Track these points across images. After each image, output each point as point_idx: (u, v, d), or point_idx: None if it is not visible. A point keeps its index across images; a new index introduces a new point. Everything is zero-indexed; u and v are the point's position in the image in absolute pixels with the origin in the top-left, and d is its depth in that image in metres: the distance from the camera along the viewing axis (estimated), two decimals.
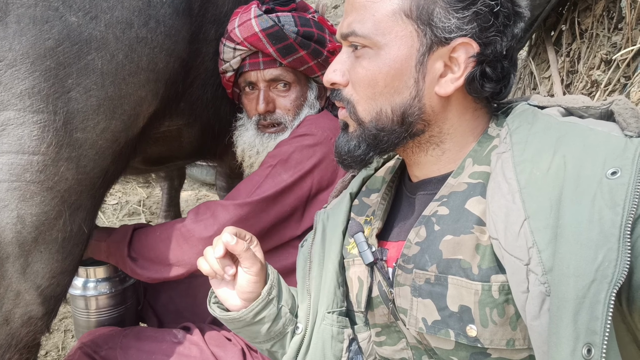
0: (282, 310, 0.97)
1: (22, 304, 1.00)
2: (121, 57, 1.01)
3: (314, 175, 1.29)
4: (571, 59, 2.14)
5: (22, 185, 0.93)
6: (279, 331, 0.97)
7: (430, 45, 0.76)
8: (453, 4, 0.74)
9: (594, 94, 1.96)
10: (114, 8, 0.99)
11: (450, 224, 0.76)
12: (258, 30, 1.28)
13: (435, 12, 0.74)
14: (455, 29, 0.74)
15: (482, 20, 0.75)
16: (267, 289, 0.95)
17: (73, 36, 0.93)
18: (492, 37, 0.76)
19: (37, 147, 0.92)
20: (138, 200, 3.41)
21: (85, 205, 1.04)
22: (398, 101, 0.78)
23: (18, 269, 0.96)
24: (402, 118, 0.79)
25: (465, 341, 0.73)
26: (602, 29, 1.99)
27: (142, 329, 1.36)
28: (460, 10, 0.74)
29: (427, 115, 0.80)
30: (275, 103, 1.38)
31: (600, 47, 1.97)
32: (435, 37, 0.75)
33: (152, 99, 1.13)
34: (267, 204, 1.27)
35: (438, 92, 0.78)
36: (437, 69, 0.77)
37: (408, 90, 0.78)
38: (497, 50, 0.76)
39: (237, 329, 0.98)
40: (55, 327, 2.25)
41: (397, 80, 0.77)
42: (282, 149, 1.30)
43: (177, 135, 1.50)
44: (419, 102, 0.78)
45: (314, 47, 1.33)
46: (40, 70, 0.90)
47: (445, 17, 0.74)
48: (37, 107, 0.91)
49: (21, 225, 0.94)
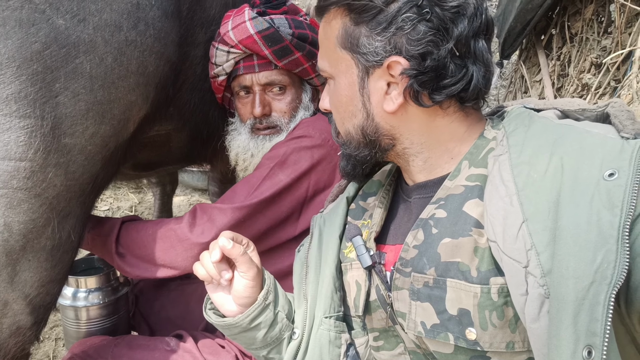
0: (279, 316, 0.96)
1: (10, 314, 0.98)
2: (110, 61, 0.99)
3: (311, 176, 1.28)
4: (562, 63, 2.16)
5: (9, 192, 0.90)
6: (276, 337, 0.96)
7: (366, 69, 0.81)
8: (374, 29, 0.78)
9: (584, 97, 1.97)
10: (102, 11, 0.97)
11: (448, 226, 0.77)
12: (253, 33, 1.27)
13: (361, 40, 0.79)
14: (381, 51, 0.78)
15: (410, 34, 0.76)
16: (264, 294, 0.94)
17: (60, 39, 0.91)
18: (424, 47, 0.75)
19: (24, 153, 0.90)
20: (130, 206, 3.40)
21: (75, 212, 1.02)
22: (356, 123, 0.85)
23: (5, 278, 0.94)
24: (364, 137, 0.85)
25: (464, 344, 0.73)
26: (592, 32, 2.01)
27: (134, 338, 1.34)
28: (381, 32, 0.77)
29: (386, 131, 0.84)
30: (271, 106, 1.37)
31: (590, 51, 1.99)
32: (367, 62, 0.80)
33: (142, 103, 1.11)
34: (264, 205, 1.25)
35: (386, 109, 0.81)
36: (380, 87, 0.81)
37: (360, 113, 0.84)
38: (438, 58, 0.76)
39: (233, 335, 0.97)
40: (46, 335, 2.22)
41: (350, 105, 0.84)
42: (280, 150, 1.29)
43: (166, 140, 1.48)
44: (372, 122, 0.83)
45: (309, 49, 1.33)
46: (27, 74, 0.88)
47: (369, 43, 0.78)
48: (23, 112, 0.89)
49: (8, 233, 0.92)
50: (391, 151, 0.86)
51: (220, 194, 2.60)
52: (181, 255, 1.22)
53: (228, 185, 2.46)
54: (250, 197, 1.24)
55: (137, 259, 1.24)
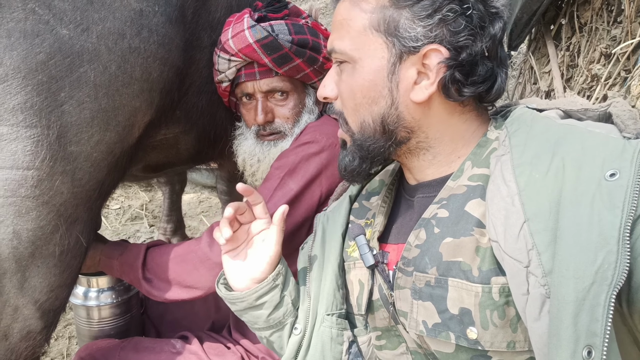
0: (285, 299, 0.98)
1: (20, 319, 1.00)
2: (114, 68, 1.00)
3: (322, 180, 1.28)
4: (571, 53, 2.13)
5: (18, 201, 0.92)
6: (279, 320, 0.98)
7: (400, 55, 0.79)
8: (417, 13, 0.76)
9: (594, 88, 1.94)
10: (105, 19, 0.98)
11: (450, 226, 0.77)
12: (252, 42, 1.27)
13: (401, 23, 0.77)
14: (422, 37, 0.77)
15: (451, 25, 0.76)
16: (274, 275, 0.97)
17: (64, 49, 0.92)
18: (464, 40, 0.76)
19: (31, 161, 0.92)
20: (140, 205, 3.43)
21: (82, 217, 1.04)
22: (376, 111, 0.82)
23: (15, 284, 0.96)
24: (383, 127, 0.83)
25: (465, 344, 0.73)
26: (601, 22, 1.97)
27: (140, 340, 1.35)
28: (424, 18, 0.76)
29: (407, 122, 0.82)
30: (274, 113, 1.37)
31: (600, 41, 1.96)
32: (403, 47, 0.78)
33: (146, 108, 1.12)
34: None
35: (413, 99, 0.80)
36: (410, 76, 0.79)
37: (384, 100, 0.81)
38: (472, 53, 0.77)
39: (239, 311, 1.00)
40: (60, 333, 2.25)
41: (373, 91, 0.81)
42: (289, 159, 1.29)
43: (174, 142, 1.49)
44: (395, 110, 0.81)
45: (309, 55, 1.33)
46: (32, 84, 0.90)
47: (411, 27, 0.77)
48: (30, 121, 0.90)
49: (17, 240, 0.94)
50: (403, 146, 0.85)
51: (229, 193, 2.62)
52: (204, 276, 1.22)
53: (236, 183, 2.48)
54: None
55: (164, 283, 1.25)
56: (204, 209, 3.47)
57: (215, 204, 3.50)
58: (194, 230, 3.22)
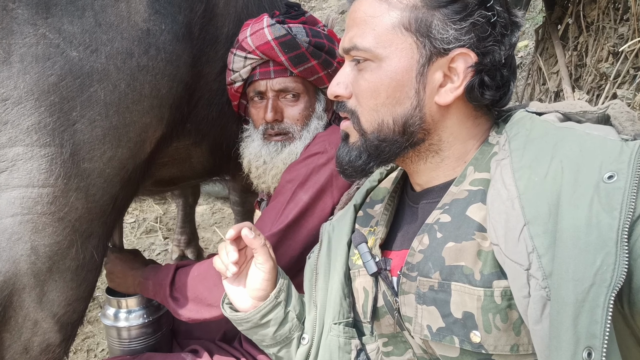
0: (289, 315, 1.00)
1: (40, 332, 1.03)
2: (123, 87, 1.03)
3: (333, 189, 1.27)
4: (579, 53, 2.11)
5: (34, 218, 0.95)
6: (285, 336, 1.00)
7: (429, 57, 0.79)
8: (450, 16, 0.76)
9: (603, 87, 1.93)
10: (113, 40, 1.01)
11: (452, 230, 0.78)
12: (271, 39, 1.28)
13: (434, 25, 0.77)
14: (453, 40, 0.77)
15: (479, 30, 0.77)
16: (276, 292, 0.98)
17: (75, 70, 0.95)
18: (490, 46, 0.78)
19: (46, 179, 0.95)
20: (155, 217, 3.46)
21: (97, 232, 1.07)
22: (400, 112, 0.81)
23: (34, 299, 0.99)
24: (404, 128, 0.82)
25: (469, 347, 0.73)
26: (608, 20, 1.96)
27: (150, 356, 1.35)
28: (457, 21, 0.76)
29: (427, 124, 0.82)
30: (284, 113, 1.37)
31: (607, 39, 1.95)
32: (434, 48, 0.78)
33: (157, 124, 1.15)
34: (292, 229, 1.25)
35: (438, 102, 0.80)
36: (437, 79, 0.79)
37: (409, 101, 0.80)
38: (495, 59, 0.78)
39: (246, 330, 1.02)
40: (78, 347, 2.29)
41: (399, 92, 0.80)
42: (300, 172, 1.28)
43: (186, 156, 1.52)
44: (419, 112, 0.81)
45: (324, 58, 1.34)
46: (45, 105, 0.93)
47: (443, 29, 0.77)
48: (44, 141, 0.93)
49: (35, 256, 0.97)
50: (415, 148, 0.84)
51: (241, 204, 2.62)
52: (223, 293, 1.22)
53: (249, 195, 2.49)
54: (277, 223, 1.24)
55: (189, 301, 1.25)
56: (217, 220, 3.49)
57: (228, 214, 3.51)
58: (207, 241, 3.24)
